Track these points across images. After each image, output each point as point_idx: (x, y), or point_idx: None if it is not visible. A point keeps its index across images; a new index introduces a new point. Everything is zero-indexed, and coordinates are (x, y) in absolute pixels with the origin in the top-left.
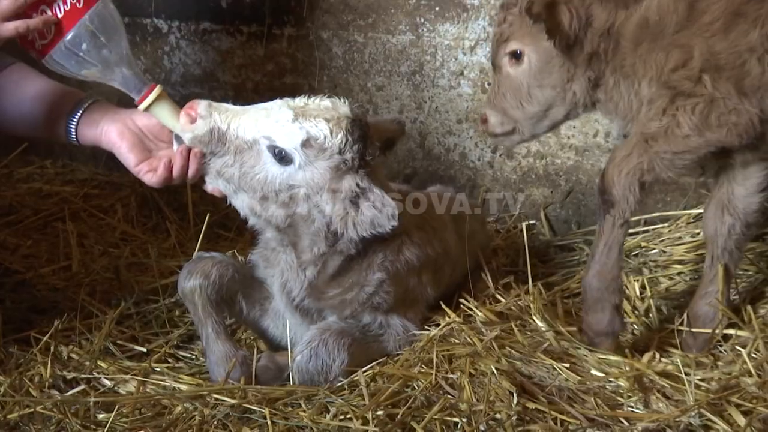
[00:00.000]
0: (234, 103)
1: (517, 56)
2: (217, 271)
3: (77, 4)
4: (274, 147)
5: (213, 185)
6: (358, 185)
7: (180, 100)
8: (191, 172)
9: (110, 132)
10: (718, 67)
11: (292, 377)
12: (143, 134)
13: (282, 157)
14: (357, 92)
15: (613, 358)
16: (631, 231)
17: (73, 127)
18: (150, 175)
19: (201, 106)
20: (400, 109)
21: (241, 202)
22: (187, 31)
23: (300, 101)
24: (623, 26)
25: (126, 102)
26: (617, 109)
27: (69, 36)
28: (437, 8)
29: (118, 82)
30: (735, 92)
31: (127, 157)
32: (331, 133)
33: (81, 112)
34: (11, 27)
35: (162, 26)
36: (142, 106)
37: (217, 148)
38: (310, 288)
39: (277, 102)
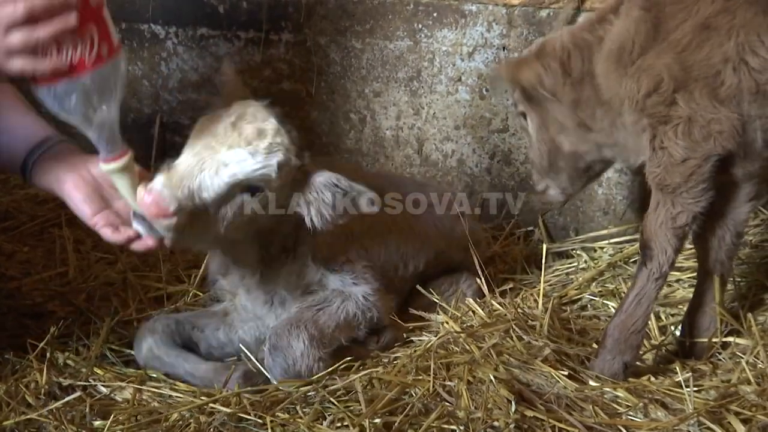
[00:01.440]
0: None
1: (524, 117)
2: (160, 324)
3: (87, 57)
4: (250, 188)
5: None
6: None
7: (177, 105)
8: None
9: (65, 182)
10: (691, 80)
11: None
12: (98, 184)
13: (259, 191)
14: (354, 98)
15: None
16: (628, 238)
17: (28, 170)
18: (107, 230)
19: (167, 199)
20: (397, 114)
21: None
22: (185, 36)
23: (227, 128)
24: (596, 64)
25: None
26: (620, 148)
27: (60, 87)
28: (435, 14)
29: (93, 137)
30: (710, 102)
31: (81, 208)
32: (288, 150)
33: (38, 155)
34: (18, 65)
35: (159, 32)
36: (104, 168)
37: (200, 222)
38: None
39: (210, 142)
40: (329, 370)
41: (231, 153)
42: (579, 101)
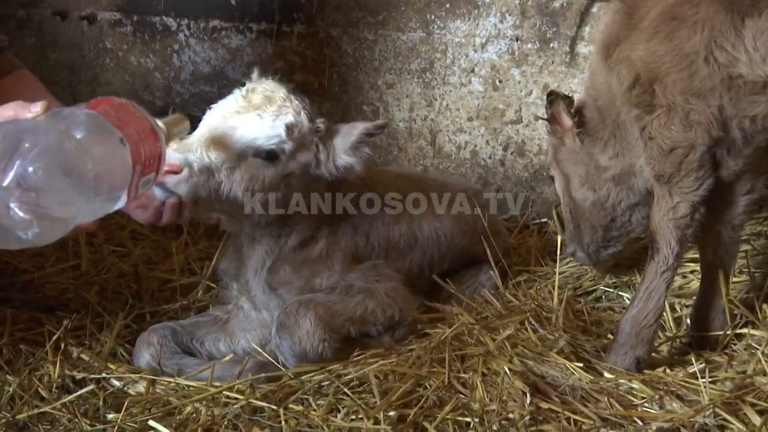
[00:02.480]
0: None
1: (553, 181)
2: (156, 335)
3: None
4: (260, 151)
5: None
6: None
7: (189, 98)
8: (184, 218)
9: None
10: (663, 71)
11: (284, 364)
12: None
13: (272, 156)
14: (367, 90)
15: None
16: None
17: None
18: (140, 211)
19: (176, 158)
20: (410, 106)
21: (240, 219)
22: (197, 28)
23: (237, 99)
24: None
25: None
26: (630, 172)
27: None
28: (448, 5)
29: None
30: (685, 94)
31: None
32: (297, 113)
33: None
34: None
35: (171, 24)
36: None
37: (211, 183)
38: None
39: (221, 114)
40: (344, 362)
41: (239, 117)
42: (589, 138)
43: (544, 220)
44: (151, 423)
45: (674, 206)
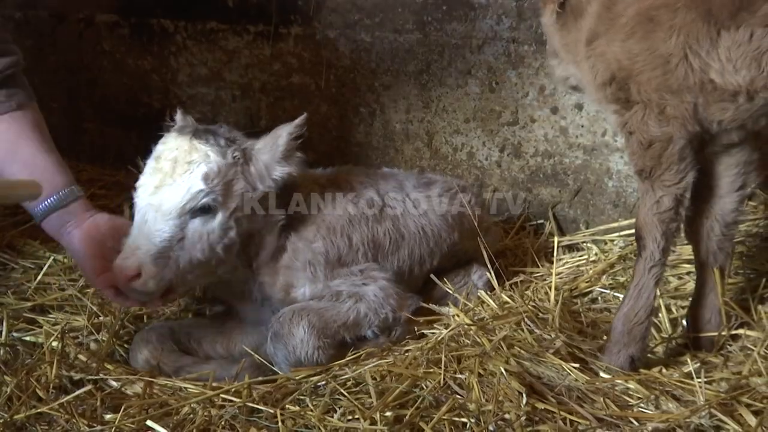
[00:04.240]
0: (241, 101)
1: None
2: (155, 333)
3: None
4: (194, 211)
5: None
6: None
7: (187, 100)
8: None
9: (73, 236)
10: (636, 70)
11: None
12: (104, 240)
13: (207, 209)
14: (364, 92)
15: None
16: None
17: (40, 213)
18: (110, 291)
19: (125, 266)
20: (407, 108)
21: (215, 272)
22: (194, 30)
23: (151, 174)
24: (576, 31)
25: None
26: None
27: None
28: (444, 7)
29: None
30: (660, 90)
31: (86, 265)
32: (207, 159)
33: (55, 204)
34: None
35: (168, 26)
36: None
37: (171, 263)
38: (260, 271)
39: (144, 194)
40: (341, 362)
41: (158, 195)
42: (564, 43)
43: (540, 221)
44: (149, 423)
45: (658, 200)
